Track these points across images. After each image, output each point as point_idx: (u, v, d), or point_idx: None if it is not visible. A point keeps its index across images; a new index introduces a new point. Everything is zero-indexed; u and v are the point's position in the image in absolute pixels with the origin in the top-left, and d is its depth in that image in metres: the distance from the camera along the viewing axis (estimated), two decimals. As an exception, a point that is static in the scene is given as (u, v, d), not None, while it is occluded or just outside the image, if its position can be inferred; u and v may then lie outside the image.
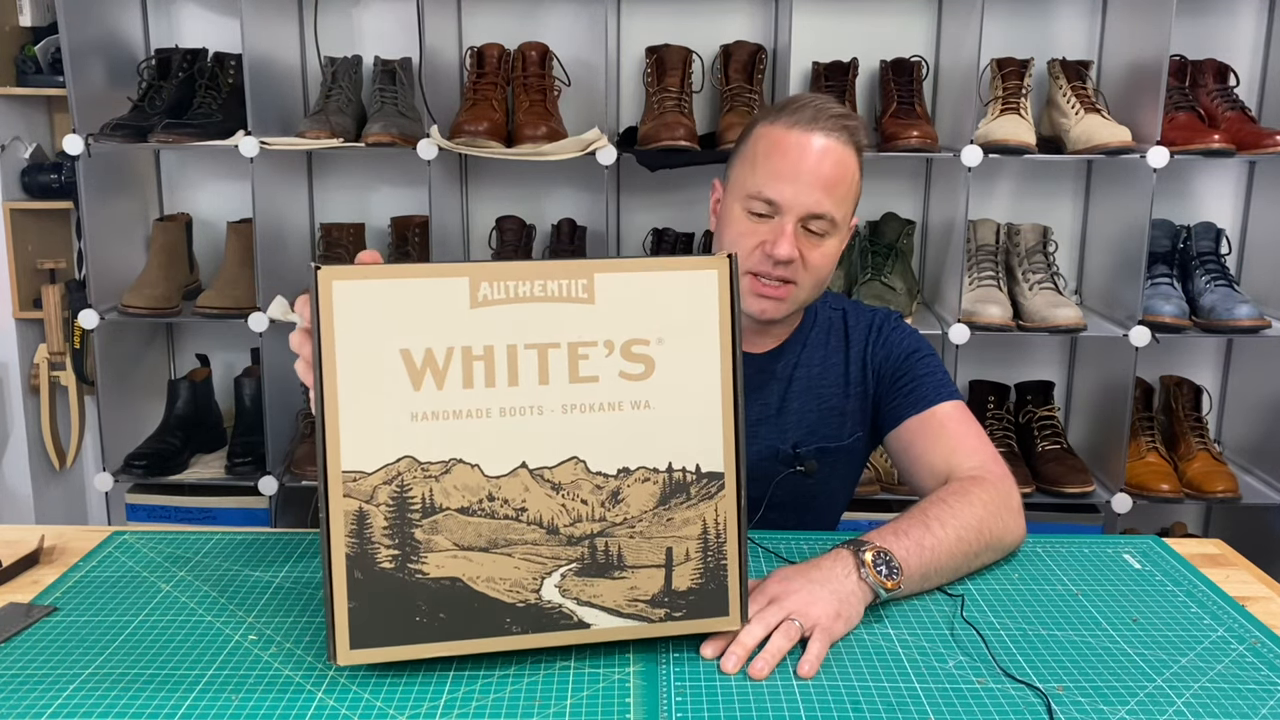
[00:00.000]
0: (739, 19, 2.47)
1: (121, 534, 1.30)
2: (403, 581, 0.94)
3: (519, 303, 0.94)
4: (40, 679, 0.98)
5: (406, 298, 0.93)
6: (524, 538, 0.95)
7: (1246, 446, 2.52)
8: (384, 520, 0.93)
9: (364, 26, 2.51)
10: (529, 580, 0.96)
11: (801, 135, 1.34)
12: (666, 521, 0.98)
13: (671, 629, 0.99)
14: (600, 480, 0.96)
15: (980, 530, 1.20)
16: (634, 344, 0.97)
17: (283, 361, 2.39)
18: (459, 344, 0.93)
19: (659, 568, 0.98)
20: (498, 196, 2.56)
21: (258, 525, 2.36)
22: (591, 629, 0.98)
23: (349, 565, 0.93)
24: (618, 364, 0.96)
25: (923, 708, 0.94)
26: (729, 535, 0.99)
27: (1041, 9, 2.47)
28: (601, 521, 0.97)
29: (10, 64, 2.45)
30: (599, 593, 0.97)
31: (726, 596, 1.00)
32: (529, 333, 0.95)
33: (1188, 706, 0.96)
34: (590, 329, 0.96)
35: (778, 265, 1.34)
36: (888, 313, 1.53)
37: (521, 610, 0.96)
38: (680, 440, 0.98)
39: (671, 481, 0.98)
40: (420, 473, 0.93)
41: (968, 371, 2.52)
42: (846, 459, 1.49)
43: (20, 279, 2.48)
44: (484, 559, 0.95)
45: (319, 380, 0.92)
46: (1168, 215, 2.44)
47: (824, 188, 1.33)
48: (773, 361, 1.48)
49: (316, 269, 0.92)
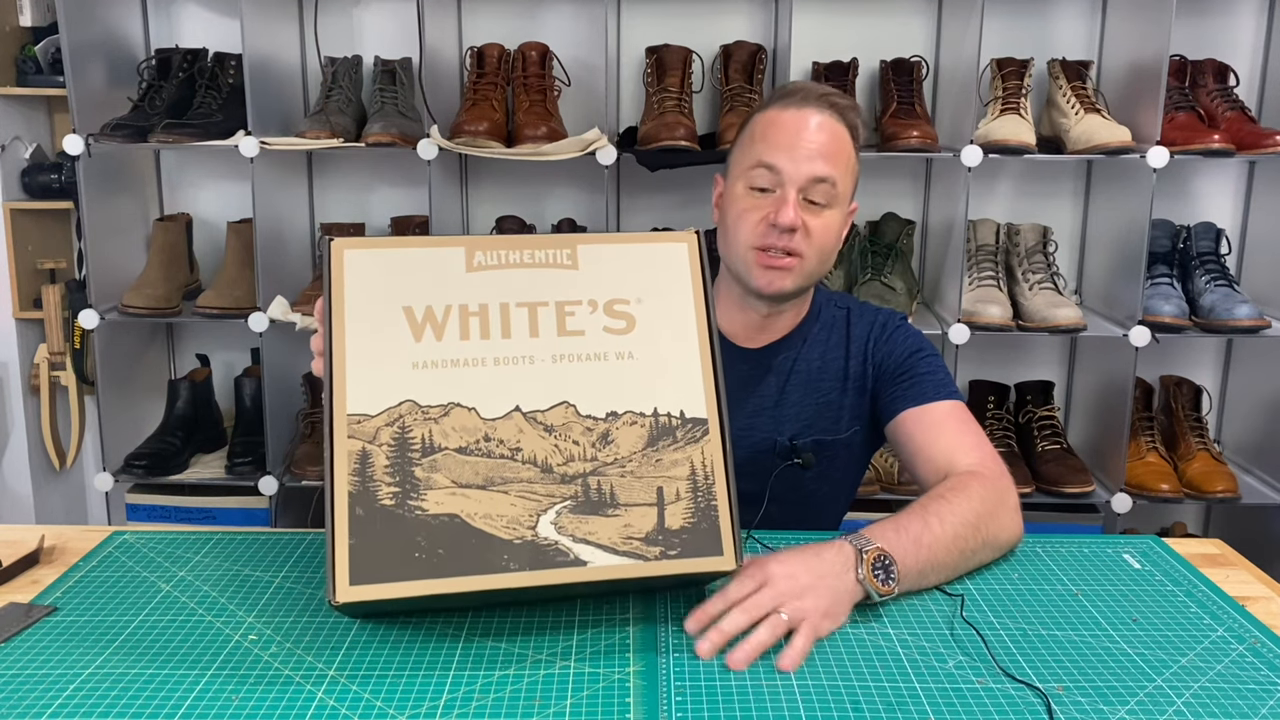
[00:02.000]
0: (739, 19, 2.47)
1: (121, 534, 1.30)
2: (402, 518, 0.97)
3: (510, 269, 1.06)
4: (40, 679, 0.98)
5: (409, 263, 1.04)
6: (519, 475, 1.00)
7: (1246, 446, 2.52)
8: (385, 460, 0.99)
9: (364, 26, 2.51)
10: (525, 517, 0.99)
11: (796, 112, 1.39)
12: (655, 462, 1.03)
13: (667, 568, 1.01)
14: (590, 423, 1.03)
15: (978, 527, 1.20)
16: (615, 303, 1.07)
17: (283, 362, 2.39)
18: (456, 302, 1.04)
19: (651, 506, 1.02)
20: (498, 196, 2.56)
21: (258, 525, 2.36)
22: (588, 566, 0.99)
23: (351, 503, 0.97)
24: (601, 320, 1.06)
25: (923, 708, 0.94)
26: (717, 478, 1.03)
27: (1041, 9, 2.47)
28: (593, 461, 1.02)
29: (10, 64, 2.45)
30: (594, 530, 1.00)
31: (719, 537, 1.02)
32: (519, 293, 1.05)
33: (1187, 706, 0.96)
34: (575, 290, 1.06)
35: (782, 235, 1.36)
36: (892, 313, 1.54)
37: (518, 547, 0.98)
38: (664, 387, 1.05)
39: (658, 425, 1.04)
40: (420, 415, 1.00)
41: (968, 371, 2.52)
42: (845, 454, 1.50)
43: (20, 279, 2.48)
44: (481, 496, 0.99)
45: (329, 337, 1.01)
46: (1168, 215, 2.44)
47: (822, 155, 1.37)
48: (771, 356, 1.49)
49: (330, 240, 1.03)
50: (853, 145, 1.42)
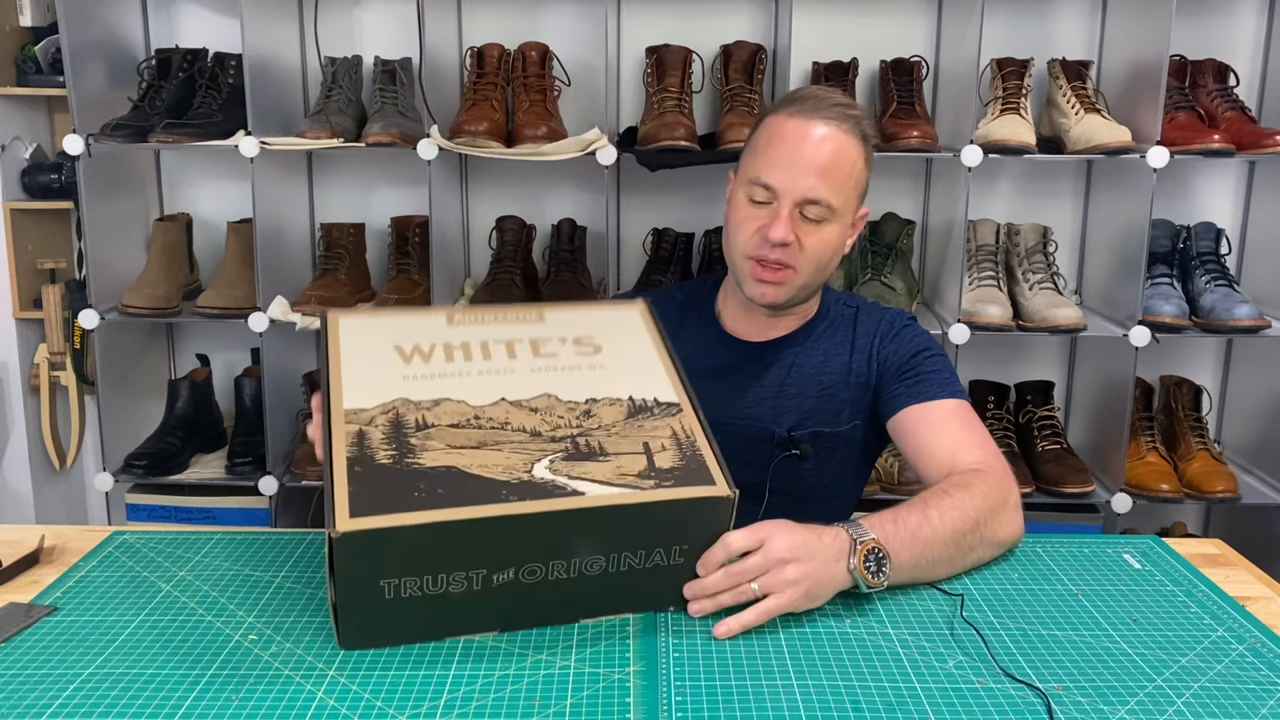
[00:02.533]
0: (739, 19, 2.47)
1: (121, 534, 1.30)
2: (401, 471, 1.00)
3: (485, 323, 1.20)
4: (40, 679, 0.98)
5: (396, 322, 1.19)
6: (510, 439, 1.06)
7: (1246, 446, 2.52)
8: (381, 434, 1.04)
9: (364, 26, 2.51)
10: (520, 465, 1.03)
11: (801, 123, 1.39)
12: (638, 428, 1.09)
13: (663, 494, 1.03)
14: (572, 405, 1.11)
15: (978, 524, 1.21)
16: (583, 338, 1.20)
17: (283, 362, 2.39)
18: (440, 341, 1.16)
19: (639, 454, 1.06)
20: (498, 196, 2.56)
21: (258, 525, 2.36)
22: (585, 495, 1.00)
23: (349, 464, 1.00)
24: (571, 348, 1.18)
25: (922, 708, 0.94)
26: (698, 438, 1.09)
27: (1041, 9, 2.47)
28: (579, 429, 1.08)
29: (10, 64, 2.45)
30: (587, 470, 1.03)
31: (709, 471, 1.05)
32: (496, 335, 1.18)
33: (1187, 706, 0.96)
34: (545, 332, 1.20)
35: (775, 248, 1.38)
36: (900, 313, 1.55)
37: (516, 485, 1.00)
38: (636, 383, 1.14)
39: (635, 405, 1.12)
40: (413, 406, 1.08)
41: (968, 371, 2.52)
42: (844, 448, 1.50)
43: (20, 279, 2.48)
44: (476, 453, 1.04)
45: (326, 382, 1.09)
46: (1168, 215, 2.44)
47: (819, 173, 1.37)
48: (775, 350, 1.51)
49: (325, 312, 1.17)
50: (862, 156, 1.42)
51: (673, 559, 1.07)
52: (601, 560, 1.04)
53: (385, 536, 0.95)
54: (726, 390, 1.50)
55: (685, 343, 1.55)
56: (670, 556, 1.07)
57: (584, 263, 2.45)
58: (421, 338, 1.15)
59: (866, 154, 1.43)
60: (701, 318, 1.57)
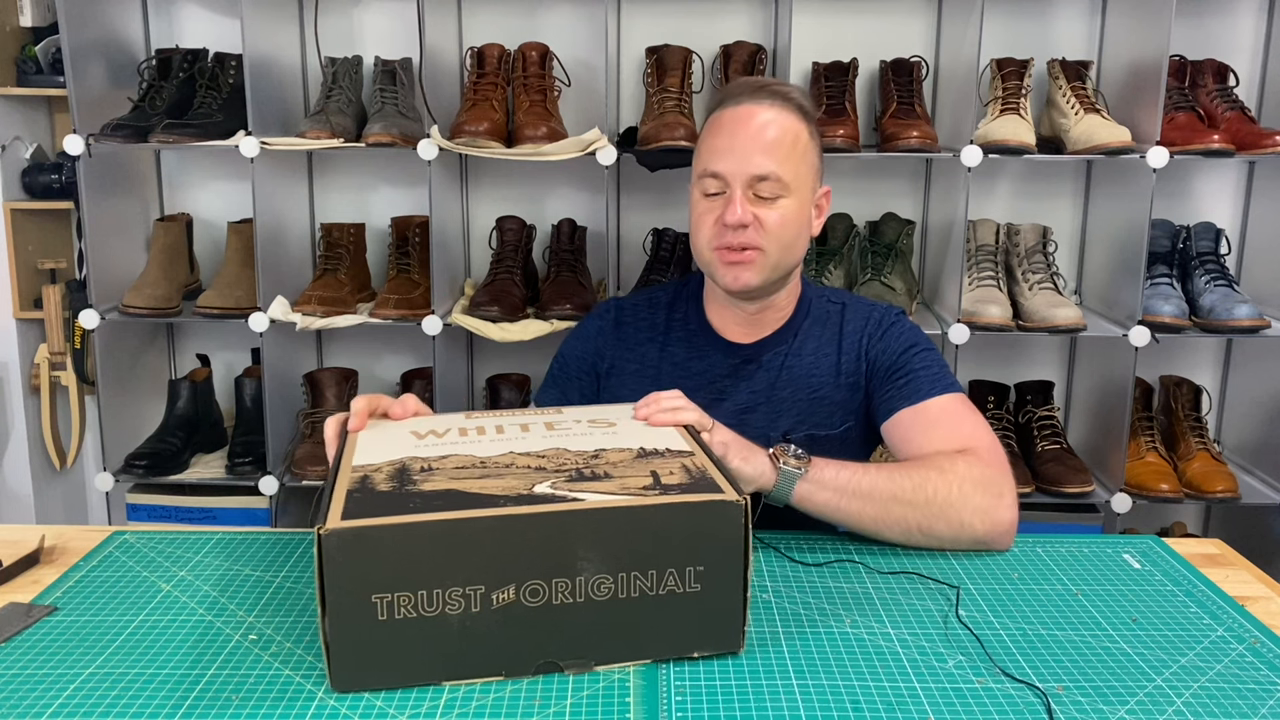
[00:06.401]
0: (739, 19, 2.47)
1: (122, 534, 1.30)
2: (400, 494, 1.00)
3: (502, 415, 1.26)
4: (40, 679, 0.98)
5: (413, 422, 1.23)
6: (514, 472, 1.06)
7: (1246, 446, 2.52)
8: (385, 475, 1.05)
9: (364, 26, 2.51)
10: (521, 486, 1.02)
11: (735, 109, 1.43)
12: (647, 464, 1.08)
13: (668, 500, 0.98)
14: (580, 453, 1.12)
15: (922, 484, 1.26)
16: (598, 419, 1.23)
17: (283, 362, 2.39)
18: (455, 425, 1.21)
19: (646, 477, 1.04)
20: (498, 197, 2.56)
21: (258, 525, 2.36)
22: (585, 500, 0.98)
23: (348, 495, 0.99)
24: (586, 425, 1.21)
25: (922, 708, 0.94)
26: (709, 469, 1.07)
27: (1041, 9, 2.47)
28: (585, 464, 1.08)
29: (10, 64, 2.45)
30: (590, 486, 1.02)
31: (716, 483, 1.03)
32: (511, 420, 1.23)
33: (1187, 706, 0.96)
34: (561, 417, 1.24)
35: (736, 232, 1.40)
36: (889, 308, 1.54)
37: (514, 498, 0.99)
38: (648, 440, 1.15)
39: (645, 451, 1.12)
40: (420, 460, 1.09)
41: (968, 371, 2.52)
42: (839, 450, 1.50)
43: (21, 279, 2.48)
44: (477, 481, 1.04)
45: (336, 464, 1.11)
46: (1167, 215, 2.44)
47: (763, 150, 1.40)
48: (762, 351, 1.51)
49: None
50: (805, 129, 1.44)
51: (688, 584, 0.99)
52: (609, 581, 0.97)
53: (375, 535, 0.92)
54: (718, 393, 1.50)
55: (674, 345, 1.56)
56: (685, 581, 0.99)
57: (584, 263, 2.45)
58: (437, 424, 1.21)
59: (809, 127, 1.45)
60: (688, 318, 1.57)
